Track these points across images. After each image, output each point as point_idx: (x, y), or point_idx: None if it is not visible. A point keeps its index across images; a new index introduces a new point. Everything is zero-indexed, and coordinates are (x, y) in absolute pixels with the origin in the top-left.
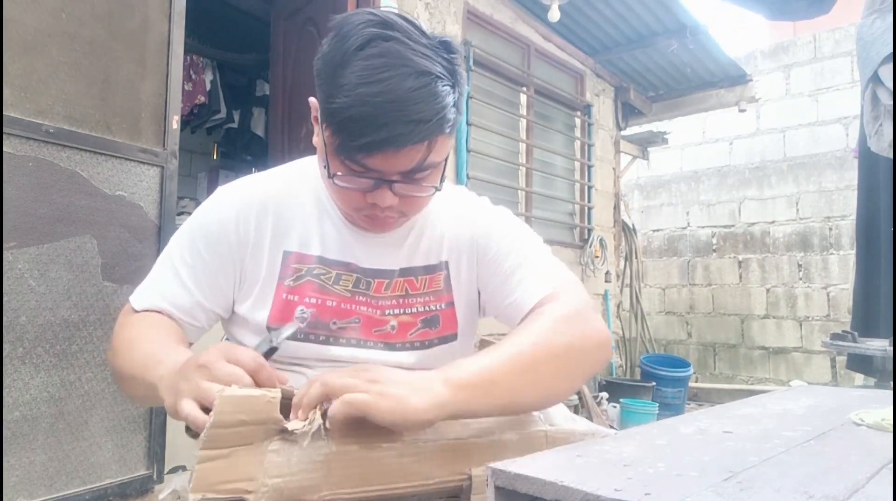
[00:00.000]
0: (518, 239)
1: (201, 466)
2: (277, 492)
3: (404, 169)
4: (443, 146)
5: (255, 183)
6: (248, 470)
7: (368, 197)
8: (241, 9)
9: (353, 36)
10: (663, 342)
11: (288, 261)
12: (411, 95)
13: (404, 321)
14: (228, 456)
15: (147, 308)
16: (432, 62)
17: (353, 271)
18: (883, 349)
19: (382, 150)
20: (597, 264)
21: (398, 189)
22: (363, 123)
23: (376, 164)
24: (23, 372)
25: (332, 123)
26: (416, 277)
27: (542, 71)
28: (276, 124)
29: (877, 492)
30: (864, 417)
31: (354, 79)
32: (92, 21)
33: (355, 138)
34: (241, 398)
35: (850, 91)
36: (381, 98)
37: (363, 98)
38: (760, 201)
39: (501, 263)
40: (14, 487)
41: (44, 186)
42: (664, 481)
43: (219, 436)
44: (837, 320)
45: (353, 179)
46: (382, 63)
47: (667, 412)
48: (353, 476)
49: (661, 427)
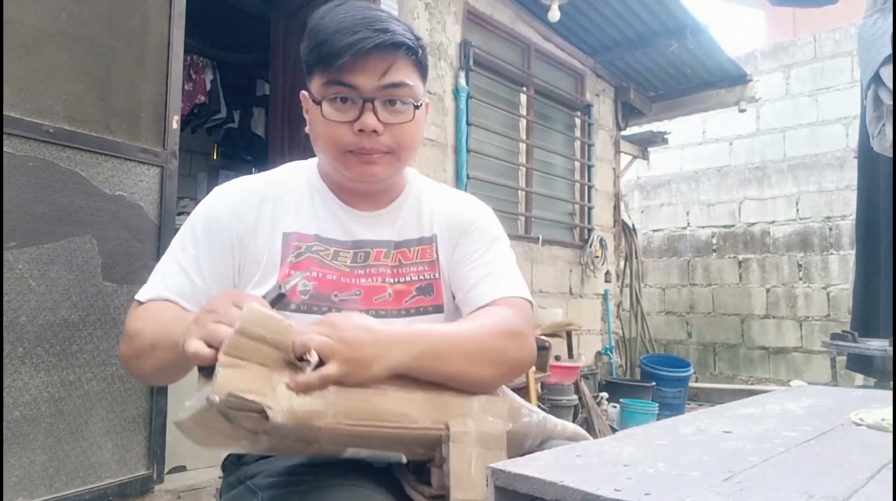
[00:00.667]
0: (498, 241)
1: (224, 370)
2: (290, 413)
3: (377, 80)
4: (409, 69)
5: (251, 178)
6: (264, 388)
7: (355, 126)
8: (241, 9)
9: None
10: (663, 342)
11: (289, 240)
12: (376, 15)
13: (399, 289)
14: (247, 368)
15: (152, 298)
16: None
17: (349, 247)
18: (883, 349)
19: (355, 51)
20: (597, 264)
21: (379, 111)
22: (339, 35)
23: (353, 76)
24: (23, 372)
25: (313, 52)
26: (409, 248)
27: (542, 71)
28: (276, 124)
29: (877, 492)
30: (864, 417)
31: (329, 19)
32: (92, 21)
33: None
34: (265, 315)
35: (850, 91)
36: (351, 18)
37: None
38: (760, 201)
39: (474, 256)
40: (14, 487)
41: (44, 186)
42: (664, 481)
43: (240, 344)
44: (837, 320)
45: (339, 108)
46: (353, 6)
47: (667, 412)
48: (353, 410)
49: (661, 427)
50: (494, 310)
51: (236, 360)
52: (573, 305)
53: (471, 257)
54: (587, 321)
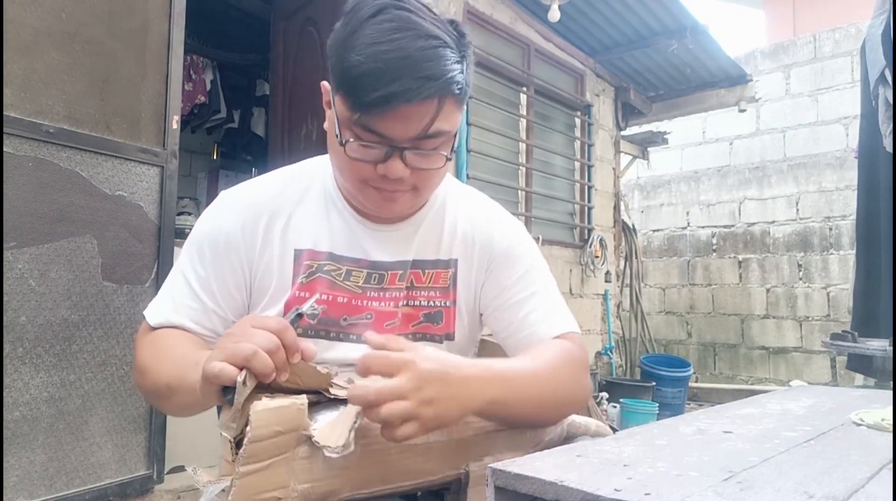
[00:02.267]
0: (534, 269)
1: (242, 480)
2: (304, 497)
3: (414, 132)
4: (453, 114)
5: (259, 187)
6: (282, 479)
7: (379, 168)
8: (241, 9)
9: (366, 7)
10: (663, 342)
11: (300, 259)
12: (421, 54)
13: (407, 312)
14: (266, 468)
15: (163, 324)
16: (441, 31)
17: (363, 266)
18: (883, 349)
19: (393, 105)
20: (597, 264)
21: (409, 159)
22: (374, 78)
23: (386, 126)
24: (23, 372)
25: (344, 82)
26: (424, 270)
27: (542, 71)
28: (276, 124)
29: (877, 492)
30: (864, 417)
31: (367, 39)
32: (92, 21)
33: (367, 93)
34: (274, 410)
35: (850, 91)
36: (393, 55)
37: (375, 55)
38: (760, 201)
39: (514, 289)
40: (14, 487)
41: (44, 186)
42: (664, 481)
43: (258, 450)
44: (837, 320)
45: (365, 148)
46: (394, 27)
47: (667, 412)
48: (371, 478)
49: (661, 427)
50: (558, 348)
51: (254, 466)
52: (573, 305)
53: (508, 292)
54: (587, 321)
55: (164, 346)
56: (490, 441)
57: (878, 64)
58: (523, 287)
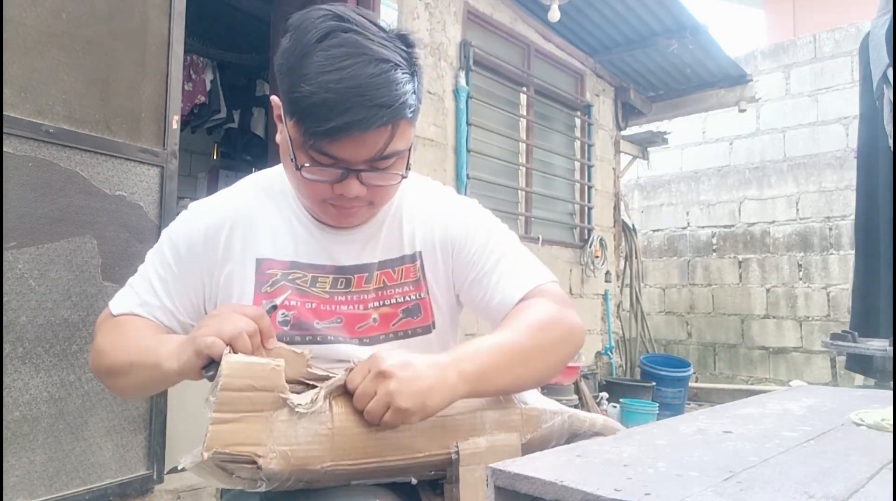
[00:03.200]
0: (493, 236)
1: (214, 427)
2: (284, 459)
3: (369, 156)
4: (406, 133)
5: (223, 199)
6: (258, 436)
7: (336, 188)
8: (241, 9)
9: (313, 30)
10: (663, 342)
11: (262, 268)
12: (372, 81)
13: (385, 312)
14: (240, 421)
15: (124, 313)
16: (390, 51)
17: (328, 271)
18: (883, 349)
19: (347, 134)
20: (597, 264)
21: (365, 178)
22: (327, 109)
23: (341, 151)
24: (23, 372)
25: (296, 111)
26: (394, 268)
27: (542, 71)
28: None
29: (877, 492)
30: (864, 417)
31: (317, 68)
32: (92, 21)
33: (320, 124)
34: (247, 364)
35: (850, 91)
36: (344, 84)
37: (326, 85)
38: (760, 201)
39: (479, 260)
40: (14, 487)
41: (44, 186)
42: (664, 481)
43: (230, 399)
44: (837, 320)
45: (320, 170)
46: (343, 52)
47: (667, 412)
48: (354, 450)
49: (661, 427)
50: (524, 306)
51: (227, 414)
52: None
53: (476, 266)
54: (587, 321)
55: (128, 329)
56: (479, 421)
57: (880, 64)
58: (487, 256)
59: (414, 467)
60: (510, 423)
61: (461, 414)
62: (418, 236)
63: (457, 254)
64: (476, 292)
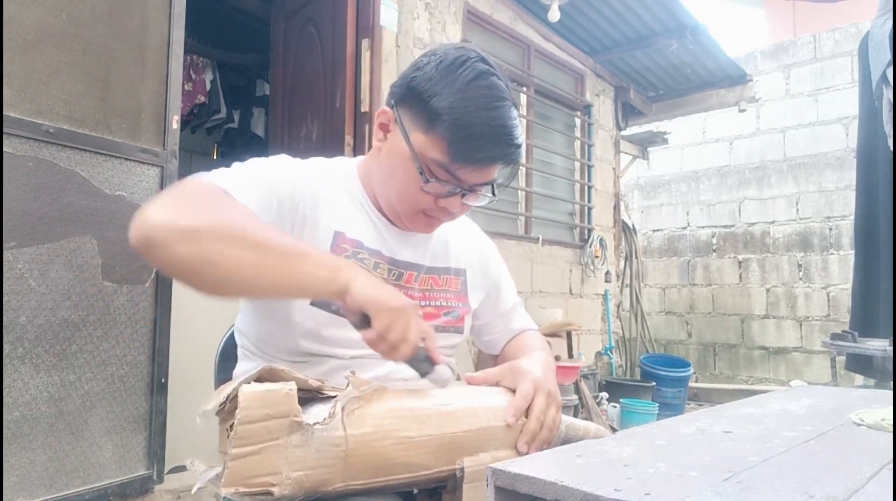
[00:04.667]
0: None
1: (234, 463)
2: (298, 484)
3: (484, 181)
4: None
5: (313, 166)
6: (274, 465)
7: (441, 201)
8: (241, 9)
9: (468, 68)
10: (663, 342)
11: (338, 240)
12: (512, 123)
13: (429, 312)
14: (259, 453)
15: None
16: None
17: (386, 261)
18: (883, 349)
19: (491, 165)
20: (597, 264)
21: (467, 197)
22: (483, 142)
23: (472, 177)
24: (23, 372)
25: (450, 134)
26: (439, 275)
27: (542, 71)
28: (276, 124)
29: (877, 492)
30: (864, 417)
31: (478, 104)
32: (92, 21)
33: (475, 153)
34: (264, 393)
35: (850, 91)
36: (498, 123)
37: (487, 121)
38: (760, 201)
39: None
40: (14, 487)
41: (44, 186)
42: (664, 481)
43: (248, 432)
44: (837, 320)
45: (442, 185)
46: (494, 95)
47: (667, 412)
48: (365, 471)
49: (661, 427)
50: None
51: (246, 448)
52: (573, 305)
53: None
54: (587, 321)
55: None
56: (485, 438)
57: (880, 63)
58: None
59: (419, 483)
60: (514, 440)
61: (469, 431)
62: (463, 256)
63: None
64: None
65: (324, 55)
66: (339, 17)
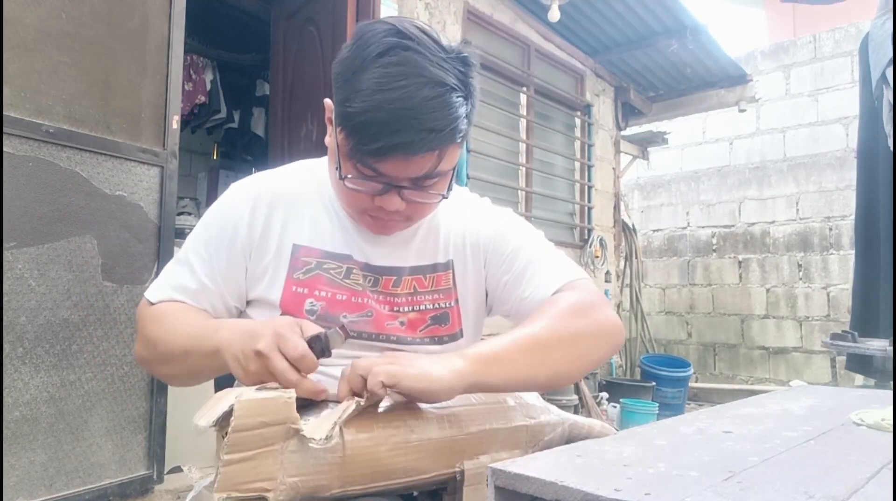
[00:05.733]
0: (526, 238)
1: (226, 469)
2: (293, 490)
3: (414, 176)
4: (452, 155)
5: (267, 179)
6: (270, 470)
7: (376, 200)
8: (241, 9)
9: (374, 44)
10: (663, 342)
11: (298, 254)
12: (426, 104)
13: (413, 318)
14: (252, 459)
15: (163, 299)
16: (447, 73)
17: (359, 267)
18: (883, 349)
19: (394, 155)
20: (597, 264)
21: (406, 195)
22: (377, 128)
23: (387, 169)
24: (23, 372)
25: (346, 125)
26: (425, 275)
27: (542, 71)
28: (276, 124)
29: (877, 492)
30: (864, 417)
31: (372, 85)
32: (92, 21)
33: (368, 142)
34: (260, 401)
35: (850, 91)
36: (397, 105)
37: (379, 104)
38: (760, 201)
39: (513, 262)
40: (14, 487)
41: (44, 186)
42: (664, 481)
43: (241, 439)
44: (837, 320)
45: (364, 182)
46: (400, 71)
47: (667, 412)
48: (363, 476)
49: (661, 427)
50: (551, 300)
51: (238, 455)
52: None
53: (511, 268)
54: None
55: (174, 316)
56: (486, 440)
57: (880, 63)
58: (520, 258)
59: (418, 486)
60: (515, 440)
61: (469, 434)
62: (451, 242)
63: (490, 258)
64: (510, 293)
65: (324, 55)
66: (339, 17)
